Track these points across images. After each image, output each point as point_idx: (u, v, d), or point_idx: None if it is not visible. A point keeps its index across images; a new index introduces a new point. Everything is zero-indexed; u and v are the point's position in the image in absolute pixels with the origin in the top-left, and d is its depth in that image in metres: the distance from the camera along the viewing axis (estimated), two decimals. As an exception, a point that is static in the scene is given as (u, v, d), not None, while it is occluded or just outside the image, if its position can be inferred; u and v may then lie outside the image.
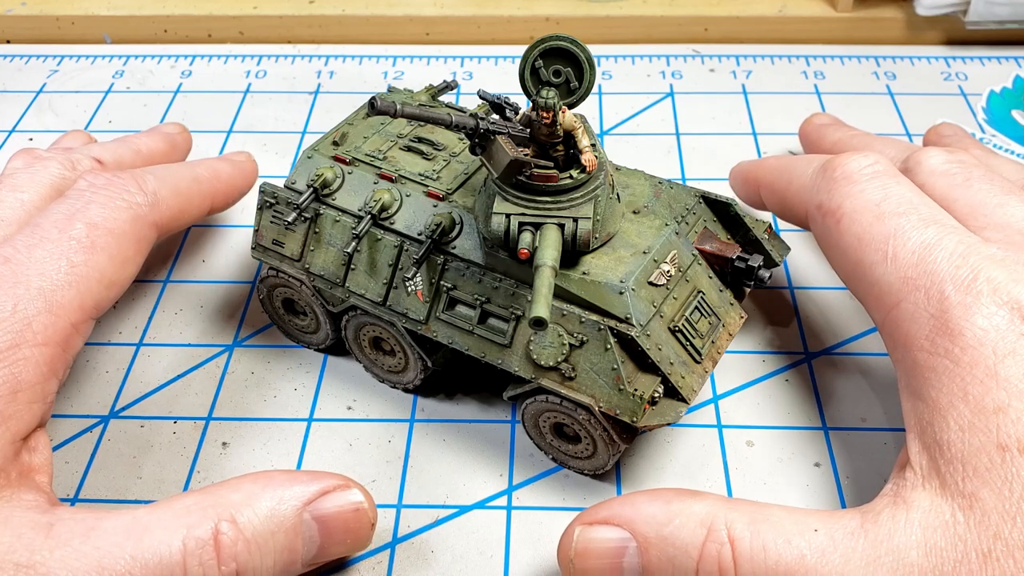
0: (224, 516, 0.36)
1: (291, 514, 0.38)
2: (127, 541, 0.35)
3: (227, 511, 0.37)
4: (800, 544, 0.34)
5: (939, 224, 0.39)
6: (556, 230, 0.40)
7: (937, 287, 0.37)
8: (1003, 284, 0.36)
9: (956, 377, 0.35)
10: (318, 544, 0.39)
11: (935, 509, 0.34)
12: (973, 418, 0.34)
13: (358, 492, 0.40)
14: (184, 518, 0.36)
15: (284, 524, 0.37)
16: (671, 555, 0.36)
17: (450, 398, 0.50)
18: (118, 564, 0.35)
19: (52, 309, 0.41)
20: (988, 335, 0.35)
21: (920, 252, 0.39)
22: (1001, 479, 0.33)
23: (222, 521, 0.36)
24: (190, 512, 0.37)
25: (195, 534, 0.36)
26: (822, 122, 0.60)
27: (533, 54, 0.40)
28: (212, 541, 0.36)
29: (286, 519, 0.37)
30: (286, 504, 0.38)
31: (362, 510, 0.39)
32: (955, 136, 0.56)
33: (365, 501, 0.40)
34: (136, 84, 0.73)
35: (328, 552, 0.39)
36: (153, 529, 0.36)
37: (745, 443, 0.47)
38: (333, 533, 0.39)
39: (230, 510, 0.37)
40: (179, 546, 0.35)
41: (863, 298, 0.42)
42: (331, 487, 0.39)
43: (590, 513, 0.38)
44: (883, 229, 0.40)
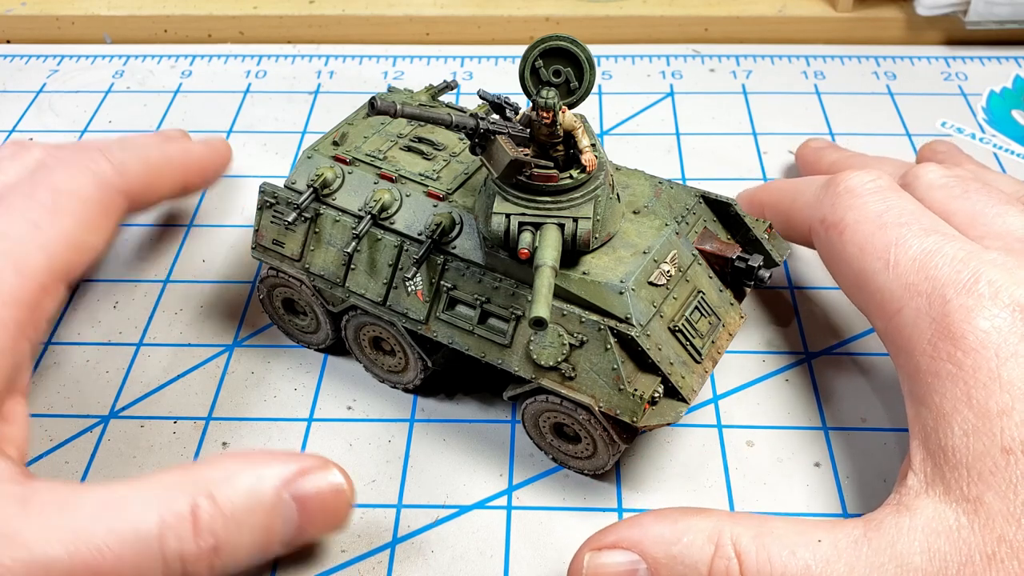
0: (202, 492, 0.36)
1: (270, 492, 0.37)
2: (104, 513, 0.35)
3: (206, 487, 0.36)
4: (805, 555, 0.34)
5: (940, 233, 0.40)
6: (556, 230, 0.40)
7: (939, 292, 0.37)
8: (1004, 286, 0.36)
9: (959, 381, 0.35)
10: (296, 524, 0.38)
11: (938, 515, 0.34)
12: (977, 422, 0.34)
13: (338, 473, 0.39)
14: (162, 493, 0.36)
15: (263, 502, 0.37)
16: (681, 573, 0.36)
17: (450, 398, 0.50)
18: (95, 537, 0.34)
19: (19, 270, 0.41)
20: (990, 337, 0.35)
21: (921, 259, 0.39)
22: (1005, 482, 0.33)
23: (200, 496, 0.36)
24: (168, 487, 0.36)
25: (173, 508, 0.35)
26: (818, 145, 0.62)
27: (533, 54, 0.40)
28: (190, 516, 0.35)
29: (265, 497, 0.37)
30: (265, 482, 0.37)
31: (342, 491, 0.39)
32: (949, 152, 0.57)
33: (345, 482, 0.39)
34: (136, 84, 0.73)
35: (306, 533, 0.39)
36: (131, 502, 0.35)
37: (745, 443, 0.47)
38: (312, 514, 0.38)
39: (209, 486, 0.36)
40: (156, 519, 0.35)
41: (865, 307, 0.42)
42: (310, 467, 0.38)
43: (597, 538, 0.38)
44: (885, 238, 0.40)
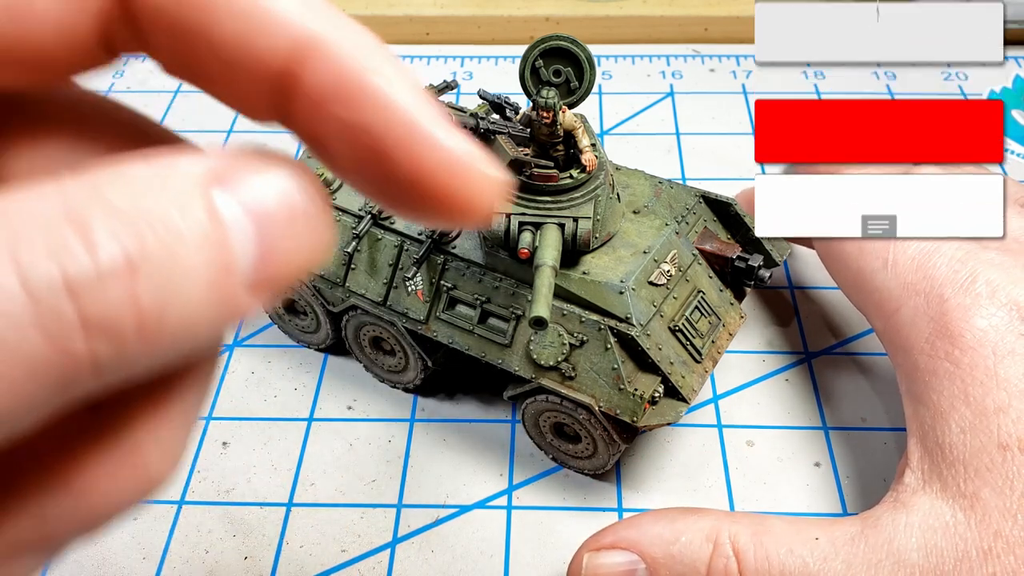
0: (80, 192, 0.18)
1: (192, 187, 0.19)
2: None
3: (83, 186, 0.18)
4: (803, 552, 0.35)
5: None
6: (556, 230, 0.40)
7: (936, 291, 0.38)
8: (1001, 286, 0.37)
9: (956, 379, 0.36)
10: (254, 239, 0.20)
11: (935, 511, 0.34)
12: (974, 419, 0.35)
13: (279, 158, 0.20)
14: None
15: (188, 201, 0.19)
16: (680, 572, 0.36)
17: (450, 398, 0.50)
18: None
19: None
20: (987, 336, 0.36)
21: (919, 258, 0.39)
22: (1002, 478, 0.33)
23: (78, 196, 0.18)
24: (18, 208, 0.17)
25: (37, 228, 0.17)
26: None
27: (533, 54, 0.40)
28: (75, 233, 0.17)
29: (187, 193, 0.19)
30: (177, 175, 0.19)
31: (306, 190, 0.20)
32: None
33: (306, 178, 0.20)
34: (136, 84, 0.73)
35: (274, 257, 0.20)
36: None
37: (745, 443, 0.47)
38: (272, 220, 0.20)
39: (90, 183, 0.18)
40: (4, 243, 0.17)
41: (864, 306, 0.42)
42: (242, 160, 0.20)
43: (596, 539, 0.38)
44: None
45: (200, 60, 0.20)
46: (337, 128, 0.20)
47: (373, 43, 0.20)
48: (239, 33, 0.20)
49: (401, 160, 0.20)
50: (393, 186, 0.20)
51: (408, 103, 0.20)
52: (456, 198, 0.20)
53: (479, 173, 0.20)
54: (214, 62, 0.20)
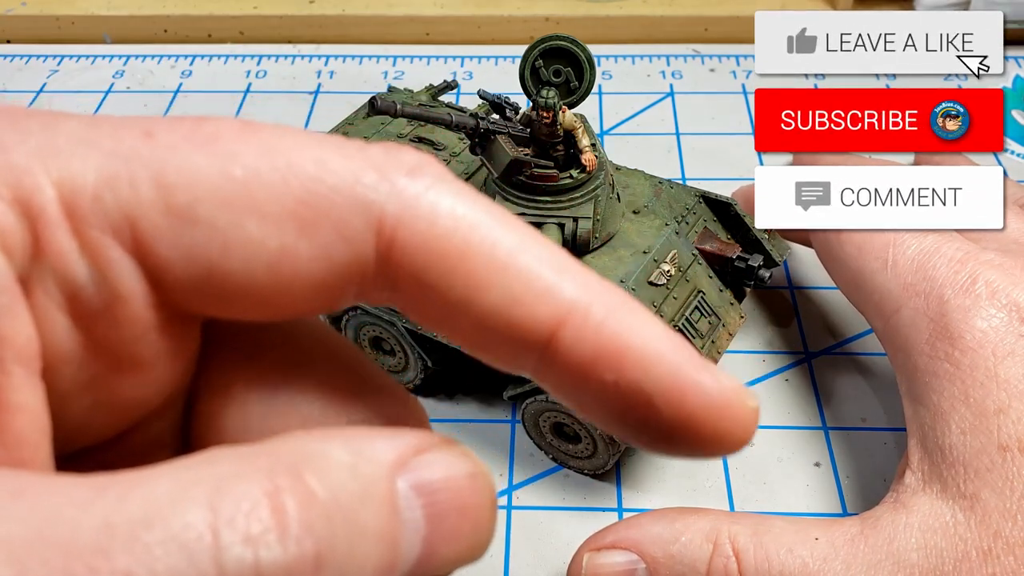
0: (282, 470, 0.19)
1: (382, 477, 0.20)
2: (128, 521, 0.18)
3: (287, 464, 0.19)
4: (802, 553, 0.35)
5: (938, 232, 0.40)
6: (556, 230, 0.40)
7: (936, 292, 0.38)
8: (1002, 287, 0.37)
9: (957, 380, 0.36)
10: (423, 536, 0.20)
11: (935, 511, 0.34)
12: (974, 420, 0.35)
13: (467, 450, 0.22)
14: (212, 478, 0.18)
15: (374, 491, 0.19)
16: (680, 572, 0.36)
17: (450, 398, 0.50)
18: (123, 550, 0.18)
19: None
20: (987, 337, 0.36)
21: (919, 259, 0.39)
22: (1002, 479, 0.33)
23: (280, 476, 0.19)
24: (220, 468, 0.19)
25: (236, 496, 0.18)
26: None
27: (533, 54, 0.40)
28: (267, 504, 0.18)
29: (376, 484, 0.20)
30: (371, 462, 0.20)
31: (480, 477, 0.21)
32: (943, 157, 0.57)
33: (479, 465, 0.21)
34: (136, 84, 0.73)
35: (436, 553, 0.20)
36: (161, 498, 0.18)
37: (745, 443, 0.47)
38: (444, 517, 0.21)
39: (291, 462, 0.19)
40: (205, 517, 0.18)
41: (863, 307, 0.42)
42: (428, 443, 0.21)
43: (596, 539, 0.38)
44: (883, 238, 0.41)
45: (453, 322, 0.20)
46: (596, 387, 0.20)
47: (624, 298, 0.20)
48: (501, 306, 0.19)
49: (664, 408, 0.20)
50: (652, 430, 0.20)
51: (670, 353, 0.20)
52: (723, 436, 0.20)
53: (745, 408, 0.20)
54: (469, 327, 0.20)
